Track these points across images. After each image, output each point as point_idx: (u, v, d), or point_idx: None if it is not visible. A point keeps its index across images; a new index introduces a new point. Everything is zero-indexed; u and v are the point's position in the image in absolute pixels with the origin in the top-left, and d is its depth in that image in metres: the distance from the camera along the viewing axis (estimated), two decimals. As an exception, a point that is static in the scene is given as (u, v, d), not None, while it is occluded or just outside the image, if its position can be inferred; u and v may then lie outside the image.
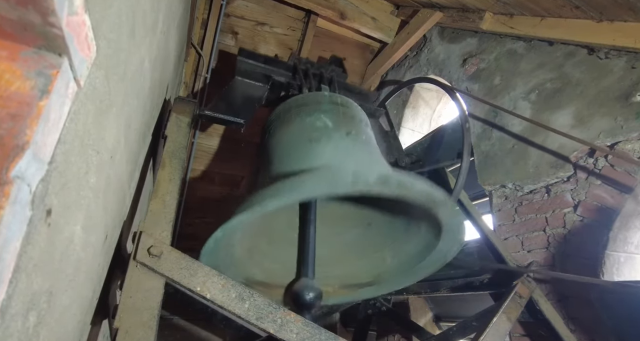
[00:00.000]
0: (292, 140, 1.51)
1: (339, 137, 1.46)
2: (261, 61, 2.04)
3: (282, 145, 1.53)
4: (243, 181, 3.67)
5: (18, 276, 0.43)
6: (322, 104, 1.61)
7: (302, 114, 1.57)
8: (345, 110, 1.63)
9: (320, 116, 1.54)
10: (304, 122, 1.53)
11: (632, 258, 1.57)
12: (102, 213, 0.84)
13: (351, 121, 1.59)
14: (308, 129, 1.50)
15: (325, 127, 1.50)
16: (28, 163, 0.40)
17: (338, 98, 1.69)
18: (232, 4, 3.08)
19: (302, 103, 1.64)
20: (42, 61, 0.43)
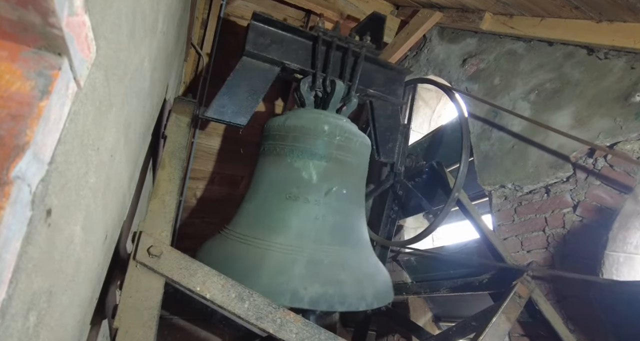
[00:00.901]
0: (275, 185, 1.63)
1: (315, 201, 1.58)
2: (279, 27, 1.83)
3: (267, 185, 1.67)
4: (243, 181, 3.67)
5: (18, 276, 0.43)
6: (317, 146, 1.65)
7: (294, 155, 1.64)
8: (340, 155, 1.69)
9: (309, 166, 1.62)
10: (292, 168, 1.63)
11: (632, 258, 1.57)
12: (101, 213, 0.84)
13: (340, 170, 1.67)
14: (292, 179, 1.61)
15: (308, 182, 1.60)
16: (28, 163, 0.40)
17: (337, 137, 1.69)
18: (232, 4, 3.08)
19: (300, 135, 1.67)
20: (42, 61, 0.43)
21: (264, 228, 1.55)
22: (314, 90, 1.89)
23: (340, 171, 1.66)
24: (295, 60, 1.86)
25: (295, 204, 1.56)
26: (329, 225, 1.58)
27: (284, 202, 1.58)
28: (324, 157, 1.63)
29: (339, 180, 1.64)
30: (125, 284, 0.97)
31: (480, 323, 1.48)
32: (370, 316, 2.56)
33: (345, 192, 1.65)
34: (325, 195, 1.58)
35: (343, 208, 1.64)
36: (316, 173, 1.60)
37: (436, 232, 2.37)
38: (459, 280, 1.93)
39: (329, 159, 1.63)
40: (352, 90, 1.93)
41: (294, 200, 1.56)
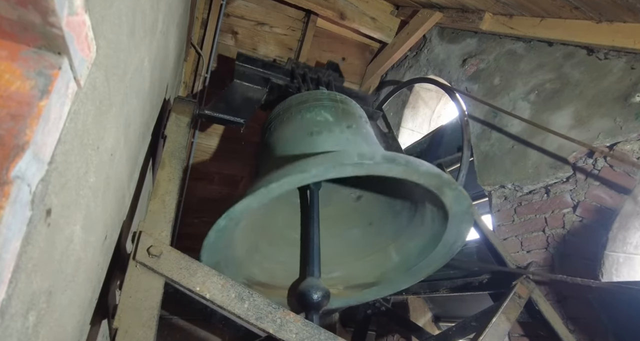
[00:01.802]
0: (293, 135, 1.50)
1: (340, 130, 1.46)
2: (259, 66, 2.06)
3: (283, 141, 1.52)
4: (242, 181, 3.67)
5: (18, 276, 0.43)
6: (321, 101, 1.62)
7: (303, 111, 1.57)
8: (345, 107, 1.64)
9: (321, 111, 1.55)
10: (304, 118, 1.53)
11: (631, 258, 1.58)
12: (101, 213, 0.84)
13: (351, 117, 1.60)
14: (309, 124, 1.50)
15: (325, 121, 1.50)
16: (28, 163, 0.40)
17: (337, 95, 1.70)
18: (232, 3, 3.08)
19: (302, 100, 1.64)
20: (42, 61, 0.43)
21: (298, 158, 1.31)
22: None
23: (352, 117, 1.60)
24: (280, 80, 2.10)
25: (321, 136, 1.43)
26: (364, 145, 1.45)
27: (309, 138, 1.43)
28: (331, 106, 1.59)
29: (354, 122, 1.56)
30: (125, 284, 0.97)
31: (480, 323, 1.48)
32: (370, 316, 2.56)
33: (365, 131, 1.56)
34: (347, 128, 1.49)
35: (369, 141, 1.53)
36: (330, 115, 1.54)
37: (436, 232, 2.37)
38: (458, 280, 1.93)
39: (337, 108, 1.59)
40: None
41: (318, 134, 1.44)
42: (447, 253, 1.42)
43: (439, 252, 1.42)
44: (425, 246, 1.46)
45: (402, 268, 1.54)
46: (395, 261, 1.57)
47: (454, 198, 1.21)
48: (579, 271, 1.56)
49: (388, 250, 1.60)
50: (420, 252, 1.49)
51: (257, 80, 2.04)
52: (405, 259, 1.54)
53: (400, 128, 3.15)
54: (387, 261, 1.59)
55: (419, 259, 1.48)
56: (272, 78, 2.07)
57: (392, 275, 1.56)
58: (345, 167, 1.01)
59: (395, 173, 1.07)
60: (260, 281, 1.53)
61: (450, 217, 1.28)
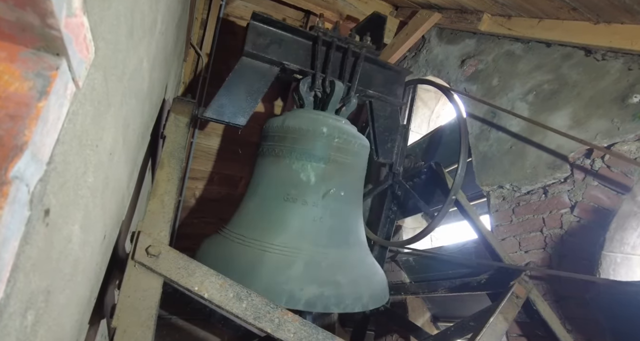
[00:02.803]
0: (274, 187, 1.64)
1: (315, 201, 1.59)
2: (278, 27, 1.81)
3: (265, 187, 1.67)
4: (242, 181, 3.67)
5: (16, 276, 0.44)
6: (316, 148, 1.65)
7: (293, 156, 1.64)
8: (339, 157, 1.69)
9: (307, 168, 1.62)
10: (290, 170, 1.63)
11: (629, 258, 1.58)
12: (100, 213, 0.84)
13: (338, 173, 1.67)
14: (290, 180, 1.62)
15: (306, 184, 1.61)
16: (27, 163, 0.41)
17: (336, 139, 1.69)
18: (231, 4, 3.09)
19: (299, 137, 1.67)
20: (41, 62, 0.44)
21: (262, 230, 1.56)
22: (313, 91, 1.89)
23: (339, 173, 1.67)
24: (295, 61, 1.85)
25: (294, 206, 1.57)
26: (327, 227, 1.59)
27: (282, 204, 1.59)
28: (322, 159, 1.63)
29: (337, 182, 1.65)
30: (124, 284, 0.97)
31: (478, 323, 1.48)
32: (369, 316, 2.56)
33: (343, 194, 1.66)
34: (323, 197, 1.59)
35: (341, 210, 1.65)
36: (314, 175, 1.61)
37: (435, 232, 2.38)
38: (457, 280, 1.93)
39: (327, 161, 1.64)
40: (351, 91, 1.93)
41: (292, 202, 1.58)
42: None
43: None
44: None
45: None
46: None
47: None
48: (577, 272, 1.56)
49: None
50: None
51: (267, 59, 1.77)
52: None
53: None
54: None
55: None
56: (286, 61, 1.81)
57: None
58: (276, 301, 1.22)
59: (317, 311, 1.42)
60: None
61: None
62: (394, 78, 2.17)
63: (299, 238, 1.53)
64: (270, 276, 1.40)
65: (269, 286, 1.37)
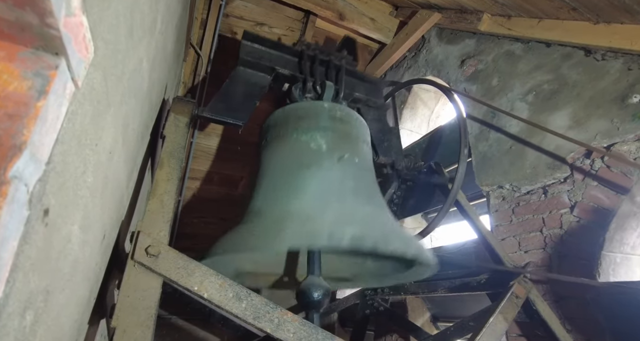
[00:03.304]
0: (284, 161, 1.54)
1: (329, 165, 1.48)
2: (267, 45, 1.94)
3: (276, 165, 1.56)
4: (242, 181, 3.67)
5: (15, 276, 0.44)
6: (320, 120, 1.62)
7: (299, 131, 1.58)
8: (343, 127, 1.65)
9: (316, 137, 1.55)
10: (298, 142, 1.56)
11: (628, 258, 1.58)
12: (99, 213, 0.84)
13: (347, 140, 1.61)
14: (301, 151, 1.53)
15: (318, 151, 1.52)
16: (25, 163, 0.41)
17: (337, 111, 1.69)
18: (231, 4, 3.09)
19: (301, 115, 1.64)
20: (40, 62, 0.44)
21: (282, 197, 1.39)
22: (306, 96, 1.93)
23: (348, 141, 1.60)
24: (285, 67, 1.99)
25: (309, 171, 1.45)
26: (350, 188, 1.45)
27: (298, 171, 1.46)
28: (329, 128, 1.58)
29: (348, 149, 1.56)
30: (123, 283, 0.97)
31: (478, 323, 1.48)
32: (369, 316, 2.56)
33: (357, 160, 1.57)
34: (338, 161, 1.49)
35: (359, 174, 1.54)
36: (324, 142, 1.52)
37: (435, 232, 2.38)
38: (456, 280, 1.93)
39: (334, 130, 1.59)
40: (340, 94, 1.97)
41: (307, 168, 1.45)
42: (417, 277, 1.59)
43: (409, 274, 1.59)
44: (398, 267, 1.62)
45: (375, 274, 1.73)
46: (369, 268, 1.75)
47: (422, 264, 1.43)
48: (577, 272, 1.56)
49: (365, 258, 1.78)
50: (393, 269, 1.65)
51: (261, 68, 1.91)
52: (379, 270, 1.73)
53: (399, 129, 3.15)
54: (363, 266, 1.77)
55: (391, 273, 1.66)
56: (278, 66, 1.93)
57: (366, 276, 1.75)
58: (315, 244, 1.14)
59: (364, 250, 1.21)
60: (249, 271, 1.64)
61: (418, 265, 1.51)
62: (374, 87, 2.28)
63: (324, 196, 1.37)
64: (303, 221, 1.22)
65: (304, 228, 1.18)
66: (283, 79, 1.98)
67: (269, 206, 1.41)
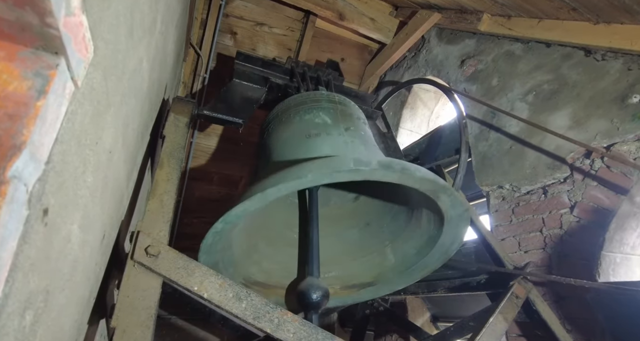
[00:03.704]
0: (291, 137, 1.49)
1: (338, 133, 1.45)
2: (259, 64, 2.06)
3: (281, 142, 1.51)
4: (242, 181, 3.67)
5: (15, 275, 0.44)
6: (320, 102, 1.62)
7: (301, 112, 1.56)
8: (343, 108, 1.64)
9: (319, 113, 1.54)
10: (302, 119, 1.53)
11: (628, 258, 1.58)
12: (99, 213, 0.84)
13: (349, 118, 1.59)
14: (307, 126, 1.49)
15: (324, 124, 1.49)
16: (25, 163, 0.41)
17: (336, 96, 1.70)
18: (231, 4, 3.09)
19: (300, 101, 1.64)
20: (40, 61, 0.44)
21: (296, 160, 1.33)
22: None
23: (350, 119, 1.58)
24: (279, 79, 2.10)
25: (319, 138, 1.41)
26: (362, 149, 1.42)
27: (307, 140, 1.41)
28: (330, 109, 1.58)
29: (352, 124, 1.55)
30: (123, 283, 0.97)
31: (478, 323, 1.48)
32: (369, 316, 2.56)
33: (363, 134, 1.54)
34: (345, 130, 1.47)
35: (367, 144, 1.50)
36: (329, 117, 1.52)
37: (434, 233, 2.37)
38: (456, 281, 1.93)
39: (335, 109, 1.59)
40: None
41: (316, 137, 1.42)
42: (444, 255, 1.43)
43: (435, 253, 1.43)
44: (422, 248, 1.47)
45: (399, 268, 1.55)
46: (391, 261, 1.58)
47: (449, 203, 1.22)
48: (576, 272, 1.56)
49: (385, 251, 1.61)
50: (416, 253, 1.49)
51: (256, 80, 2.04)
52: (401, 260, 1.55)
53: (399, 129, 3.15)
54: (383, 262, 1.60)
55: (416, 260, 1.49)
56: (272, 77, 2.07)
57: (389, 275, 1.57)
58: (341, 173, 1.02)
59: (391, 179, 1.08)
60: (258, 281, 1.54)
61: (446, 221, 1.28)
62: (362, 100, 2.35)
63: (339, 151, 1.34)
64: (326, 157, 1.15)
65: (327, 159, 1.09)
66: (277, 88, 2.09)
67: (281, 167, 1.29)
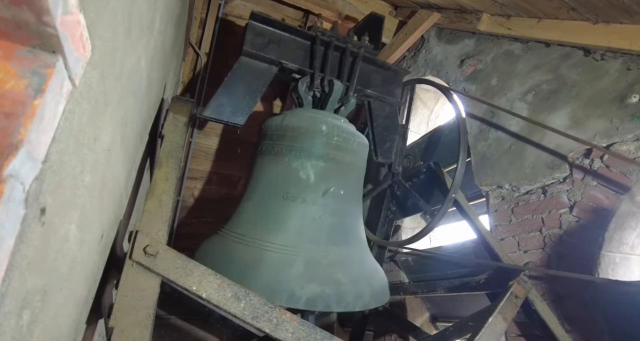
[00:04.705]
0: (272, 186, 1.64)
1: (312, 201, 1.59)
2: (277, 27, 1.82)
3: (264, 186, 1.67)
4: (240, 181, 3.67)
5: (12, 275, 0.43)
6: (315, 145, 1.66)
7: (292, 155, 1.64)
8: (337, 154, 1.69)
9: (307, 166, 1.62)
10: (290, 167, 1.63)
11: (627, 258, 1.58)
12: (97, 212, 0.84)
13: (338, 169, 1.68)
14: (289, 179, 1.62)
15: (305, 182, 1.60)
16: (22, 162, 0.41)
17: (335, 137, 1.70)
18: (230, 3, 3.08)
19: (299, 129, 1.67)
20: (37, 60, 0.43)
21: (262, 229, 1.55)
22: (312, 91, 1.89)
23: (338, 171, 1.67)
24: (293, 60, 1.86)
25: (293, 204, 1.57)
26: (327, 226, 1.58)
27: (282, 202, 1.59)
28: (321, 157, 1.63)
29: (336, 181, 1.65)
30: (122, 283, 0.97)
31: (477, 323, 1.48)
32: (368, 316, 2.56)
33: (343, 192, 1.66)
34: (322, 195, 1.59)
35: (340, 209, 1.65)
36: (314, 173, 1.61)
37: (434, 232, 2.38)
38: (456, 280, 1.93)
39: (326, 159, 1.64)
40: (350, 91, 1.93)
41: (291, 201, 1.58)
42: None
43: None
44: None
45: None
46: None
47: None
48: (576, 271, 1.56)
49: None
50: None
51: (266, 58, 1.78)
52: None
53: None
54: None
55: None
56: (285, 60, 1.81)
57: None
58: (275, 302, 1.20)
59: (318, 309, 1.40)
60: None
61: None
62: (392, 78, 2.18)
63: (299, 236, 1.52)
64: (270, 275, 1.39)
65: (269, 285, 1.37)
66: (290, 72, 1.88)
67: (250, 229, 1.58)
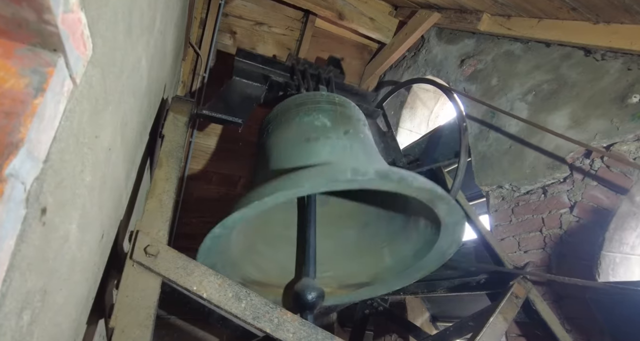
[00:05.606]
0: (290, 139, 1.49)
1: (337, 137, 1.45)
2: (259, 61, 2.05)
3: (280, 145, 1.51)
4: (241, 181, 3.66)
5: (12, 275, 0.43)
6: (320, 104, 1.61)
7: (301, 114, 1.56)
8: (343, 110, 1.63)
9: (319, 116, 1.54)
10: (302, 122, 1.53)
11: (628, 258, 1.58)
12: (98, 212, 0.84)
13: (349, 120, 1.58)
14: (306, 129, 1.49)
15: (323, 127, 1.49)
16: (22, 161, 0.40)
17: (336, 97, 1.69)
18: (231, 3, 3.08)
19: (301, 102, 1.63)
20: (37, 59, 0.43)
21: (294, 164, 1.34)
22: None
23: (349, 121, 1.57)
24: (279, 77, 2.08)
25: (318, 143, 1.41)
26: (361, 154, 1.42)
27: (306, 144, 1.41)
28: (330, 110, 1.57)
29: (352, 127, 1.54)
30: (122, 283, 0.96)
31: (478, 323, 1.48)
32: (368, 316, 2.56)
33: (362, 136, 1.54)
34: (344, 134, 1.46)
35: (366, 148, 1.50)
36: (328, 120, 1.51)
37: (434, 232, 2.37)
38: (456, 280, 1.93)
39: (335, 111, 1.58)
40: None
41: (315, 141, 1.42)
42: (440, 258, 1.44)
43: (432, 256, 1.43)
44: (419, 250, 1.47)
45: (396, 269, 1.55)
46: (388, 263, 1.58)
47: (447, 211, 1.22)
48: (576, 272, 1.56)
49: (382, 252, 1.61)
50: (413, 255, 1.49)
51: (256, 77, 2.02)
52: (398, 261, 1.55)
53: (399, 129, 3.15)
54: (380, 263, 1.60)
55: (412, 262, 1.49)
56: (272, 75, 2.05)
57: (386, 275, 1.57)
58: (338, 182, 1.02)
59: (388, 188, 1.09)
60: (256, 279, 1.54)
61: (443, 226, 1.29)
62: (363, 99, 2.35)
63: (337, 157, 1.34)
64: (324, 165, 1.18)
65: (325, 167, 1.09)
66: (277, 86, 2.07)
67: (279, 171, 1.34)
